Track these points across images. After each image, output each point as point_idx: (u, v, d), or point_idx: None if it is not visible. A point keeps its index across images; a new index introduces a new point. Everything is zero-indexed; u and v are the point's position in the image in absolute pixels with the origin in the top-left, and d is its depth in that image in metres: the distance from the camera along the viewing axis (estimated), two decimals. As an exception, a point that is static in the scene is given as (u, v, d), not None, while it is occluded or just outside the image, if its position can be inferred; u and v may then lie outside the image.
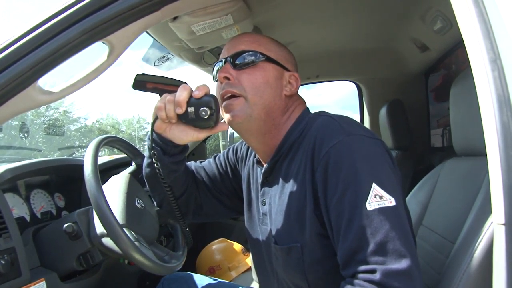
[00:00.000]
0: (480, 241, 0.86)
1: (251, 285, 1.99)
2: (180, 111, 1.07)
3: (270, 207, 1.15)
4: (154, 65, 2.17)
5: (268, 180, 1.19)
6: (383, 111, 2.71)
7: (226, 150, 1.48)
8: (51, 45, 0.96)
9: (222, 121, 1.13)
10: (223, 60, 1.17)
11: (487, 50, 0.81)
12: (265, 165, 1.19)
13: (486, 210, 0.86)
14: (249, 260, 2.34)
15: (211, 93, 1.09)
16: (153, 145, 1.17)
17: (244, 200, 1.33)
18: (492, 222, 0.83)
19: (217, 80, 1.18)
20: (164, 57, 2.12)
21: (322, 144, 0.99)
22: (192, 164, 1.46)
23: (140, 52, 2.14)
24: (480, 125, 0.80)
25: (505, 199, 0.74)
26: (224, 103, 1.14)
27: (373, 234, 0.87)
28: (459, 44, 2.12)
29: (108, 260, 1.48)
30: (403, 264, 0.83)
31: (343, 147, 0.97)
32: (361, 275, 0.86)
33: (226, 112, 1.14)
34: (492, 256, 0.78)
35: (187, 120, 1.10)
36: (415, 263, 0.85)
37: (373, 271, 0.84)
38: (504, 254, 0.74)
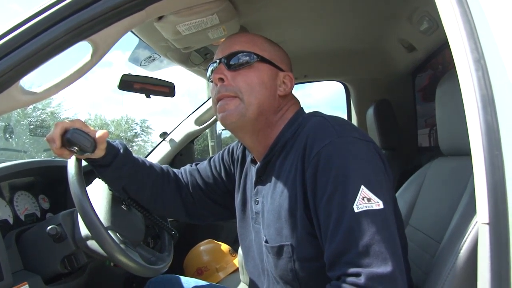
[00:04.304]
0: (465, 241, 0.86)
1: (239, 286, 1.98)
2: (55, 146, 1.14)
3: (263, 206, 1.16)
4: (141, 65, 2.15)
5: (262, 179, 1.20)
6: (370, 111, 2.72)
7: (221, 151, 1.48)
8: (33, 44, 0.94)
9: (98, 135, 1.18)
10: (218, 61, 1.16)
11: (471, 50, 0.82)
12: (258, 163, 1.20)
13: (471, 210, 0.86)
14: (236, 261, 2.33)
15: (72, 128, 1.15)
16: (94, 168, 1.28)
17: (237, 200, 1.33)
18: (476, 222, 0.83)
19: (211, 81, 1.18)
20: (150, 57, 2.11)
21: (313, 144, 1.00)
22: (187, 167, 1.48)
23: (129, 54, 2.13)
24: (466, 125, 0.80)
25: (489, 199, 0.75)
26: (219, 103, 1.14)
27: (359, 237, 0.87)
28: (445, 45, 2.13)
29: (94, 263, 1.46)
30: (387, 268, 0.84)
31: (333, 148, 0.98)
32: (346, 278, 0.87)
33: (220, 112, 1.14)
34: (477, 255, 0.78)
35: (78, 154, 1.18)
36: (399, 267, 0.86)
37: (358, 275, 0.85)
38: (488, 253, 0.74)
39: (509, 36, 0.81)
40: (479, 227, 0.77)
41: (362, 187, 0.91)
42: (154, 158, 2.83)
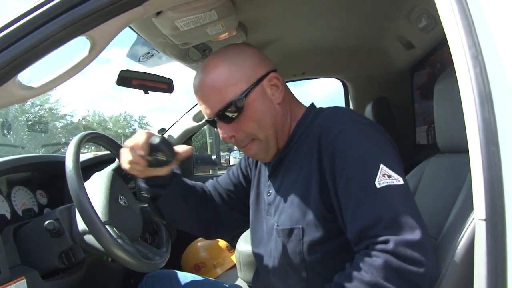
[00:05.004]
0: (462, 237, 0.87)
1: (236, 282, 1.98)
2: (142, 153, 1.09)
3: (275, 195, 1.18)
4: (139, 61, 2.15)
5: (275, 173, 1.22)
6: (368, 109, 2.72)
7: (239, 160, 1.49)
8: (31, 39, 0.94)
9: (181, 150, 1.16)
10: (212, 119, 1.16)
11: (469, 46, 0.82)
12: (273, 160, 1.22)
13: (468, 206, 0.86)
14: (234, 258, 2.33)
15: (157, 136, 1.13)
16: (147, 186, 1.23)
17: (252, 196, 1.34)
18: (473, 218, 0.84)
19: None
20: (149, 53, 2.10)
21: (329, 131, 1.04)
22: (209, 182, 1.48)
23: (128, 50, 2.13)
24: (463, 122, 0.81)
25: (486, 195, 0.75)
26: (243, 149, 1.20)
27: (385, 210, 0.89)
28: (444, 42, 2.13)
29: (91, 258, 1.47)
30: (416, 235, 0.85)
31: (349, 133, 1.02)
32: (375, 246, 0.88)
33: (247, 154, 1.22)
34: (474, 251, 0.78)
35: (151, 165, 1.13)
36: (426, 236, 0.87)
37: (386, 241, 0.86)
38: (485, 249, 0.74)
39: (507, 33, 0.81)
40: (476, 223, 0.77)
41: (382, 165, 0.94)
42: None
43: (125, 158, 1.12)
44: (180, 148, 1.14)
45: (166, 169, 1.19)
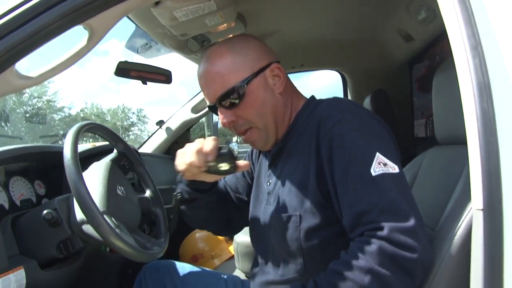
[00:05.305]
0: (459, 227, 0.87)
1: (234, 273, 1.99)
2: (211, 158, 1.10)
3: (275, 184, 1.20)
4: (138, 52, 2.14)
5: (275, 162, 1.24)
6: (367, 101, 2.72)
7: (245, 157, 1.52)
8: (28, 27, 0.93)
9: (242, 164, 1.17)
10: (214, 104, 1.19)
11: (468, 37, 0.82)
12: (272, 149, 1.24)
13: (465, 197, 0.86)
14: (232, 249, 2.34)
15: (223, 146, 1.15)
16: (188, 189, 1.29)
17: (253, 186, 1.37)
18: (471, 208, 0.84)
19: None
20: (147, 44, 2.10)
21: (327, 120, 1.06)
22: (220, 184, 1.50)
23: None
24: (462, 114, 0.81)
25: (484, 185, 0.75)
26: (242, 137, 1.23)
27: (379, 198, 0.91)
28: (443, 35, 2.13)
29: (90, 248, 1.47)
30: (409, 222, 0.87)
31: (347, 122, 1.05)
32: (369, 233, 0.89)
33: (246, 142, 1.24)
34: (471, 241, 0.79)
35: (210, 172, 1.14)
36: (420, 224, 0.89)
37: (380, 228, 0.88)
38: (482, 239, 0.75)
39: (507, 24, 0.81)
40: (473, 213, 0.78)
41: (377, 153, 0.96)
42: (151, 146, 2.83)
43: (186, 159, 1.12)
44: (241, 163, 1.16)
45: (216, 177, 1.21)
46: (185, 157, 1.13)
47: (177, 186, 1.30)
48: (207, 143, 1.11)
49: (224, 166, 1.12)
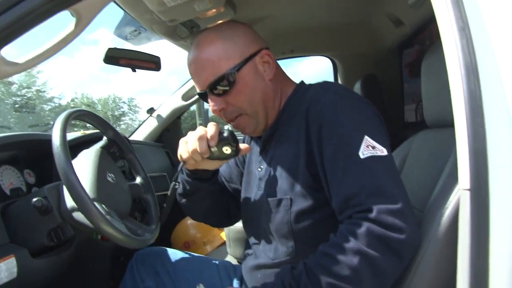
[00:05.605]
0: (447, 208, 0.88)
1: (226, 259, 2.00)
2: (214, 143, 1.11)
3: (266, 170, 1.21)
4: (126, 39, 2.12)
5: (266, 147, 1.25)
6: (357, 86, 2.73)
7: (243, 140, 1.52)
8: (14, 12, 0.92)
9: (243, 147, 1.18)
10: (203, 92, 1.19)
11: (456, 18, 0.82)
12: (263, 135, 1.25)
13: (453, 178, 0.87)
14: (224, 235, 2.35)
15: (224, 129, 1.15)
16: (190, 179, 1.30)
17: (244, 173, 1.37)
18: (459, 189, 0.85)
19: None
20: (136, 31, 2.07)
21: (317, 103, 1.07)
22: None
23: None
24: (451, 96, 0.81)
25: (471, 165, 0.76)
26: (232, 124, 1.23)
27: (367, 180, 0.92)
28: (432, 19, 2.13)
29: (81, 236, 1.46)
30: (397, 204, 0.88)
31: (336, 107, 1.05)
32: (357, 215, 0.91)
33: (236, 128, 1.24)
34: (458, 221, 0.80)
35: (212, 157, 1.15)
36: (408, 205, 0.90)
37: (368, 210, 0.89)
38: (469, 219, 0.75)
39: (494, 5, 0.81)
40: (461, 193, 0.78)
41: (366, 136, 0.97)
42: (141, 134, 2.82)
43: (190, 147, 1.13)
44: (242, 146, 1.17)
45: (218, 164, 1.23)
46: (188, 145, 1.14)
47: (177, 176, 1.30)
48: (209, 128, 1.11)
49: (227, 150, 1.13)
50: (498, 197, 0.74)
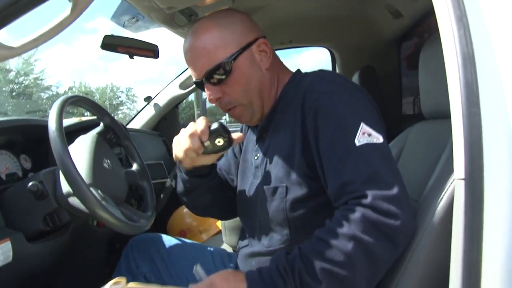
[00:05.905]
0: (442, 198, 0.88)
1: (221, 247, 2.01)
2: (205, 138, 1.10)
3: (263, 158, 1.21)
4: (124, 26, 2.11)
5: (263, 136, 1.24)
6: (355, 78, 2.73)
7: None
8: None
9: (236, 136, 1.17)
10: (200, 81, 1.18)
11: (453, 8, 0.82)
12: (259, 123, 1.24)
13: (449, 169, 0.87)
14: (219, 223, 2.36)
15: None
16: (188, 178, 1.27)
17: (240, 162, 1.37)
18: (454, 180, 0.85)
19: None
20: (134, 18, 2.06)
21: (313, 91, 1.07)
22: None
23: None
24: (447, 88, 0.81)
25: (466, 155, 0.76)
26: (228, 113, 1.23)
27: (363, 168, 0.92)
28: (431, 11, 2.13)
29: (77, 222, 1.47)
30: (392, 190, 0.88)
31: (332, 94, 1.05)
32: (353, 201, 0.91)
33: (232, 117, 1.24)
34: (453, 210, 0.80)
35: (207, 152, 1.15)
36: (404, 192, 0.90)
37: (364, 196, 0.89)
38: (463, 208, 0.76)
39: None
40: (456, 183, 0.79)
41: (362, 124, 0.97)
42: (139, 122, 2.82)
43: (183, 146, 1.13)
44: (235, 135, 1.16)
45: (215, 157, 1.22)
46: (180, 144, 1.14)
47: (173, 174, 1.29)
48: (199, 124, 1.11)
49: (219, 142, 1.12)
50: (492, 186, 0.74)
